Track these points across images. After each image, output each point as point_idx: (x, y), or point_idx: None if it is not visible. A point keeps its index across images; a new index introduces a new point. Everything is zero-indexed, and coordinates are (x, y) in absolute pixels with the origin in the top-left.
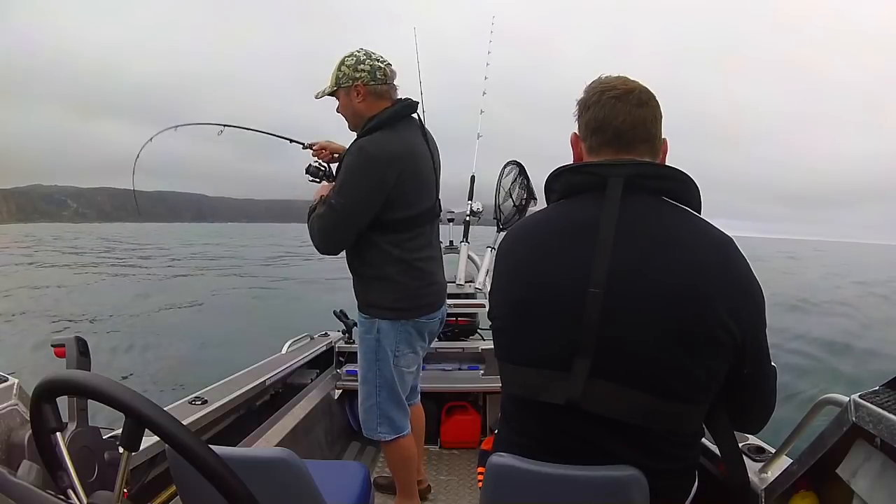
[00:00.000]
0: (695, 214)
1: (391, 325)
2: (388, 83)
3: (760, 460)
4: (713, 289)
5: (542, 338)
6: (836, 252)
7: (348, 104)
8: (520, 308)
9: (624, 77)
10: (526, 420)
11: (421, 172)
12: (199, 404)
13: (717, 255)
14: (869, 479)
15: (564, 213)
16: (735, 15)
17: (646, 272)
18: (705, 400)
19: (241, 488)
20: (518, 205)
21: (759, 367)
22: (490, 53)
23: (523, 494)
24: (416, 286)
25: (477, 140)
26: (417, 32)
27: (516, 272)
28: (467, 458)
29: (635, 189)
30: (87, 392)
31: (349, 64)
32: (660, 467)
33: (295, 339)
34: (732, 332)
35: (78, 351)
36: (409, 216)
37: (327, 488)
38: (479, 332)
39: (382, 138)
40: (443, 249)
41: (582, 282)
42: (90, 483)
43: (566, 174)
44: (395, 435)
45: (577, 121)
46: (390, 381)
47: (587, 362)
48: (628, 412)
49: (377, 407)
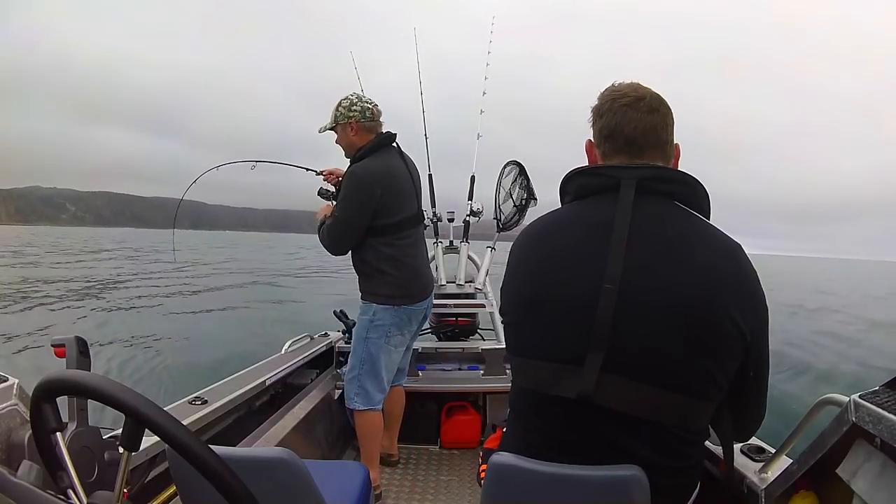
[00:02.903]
0: (703, 219)
1: (385, 309)
2: (375, 120)
3: (760, 460)
4: (724, 289)
5: (555, 333)
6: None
7: (345, 137)
8: (534, 304)
9: (636, 84)
10: (535, 414)
11: (401, 187)
12: (199, 404)
13: (726, 258)
14: (869, 479)
15: (579, 214)
16: (732, 29)
17: (659, 270)
18: (715, 397)
19: (241, 488)
20: (518, 205)
21: (762, 372)
22: (490, 53)
23: (524, 493)
24: (404, 278)
25: (477, 140)
26: (413, 35)
27: (531, 270)
28: (467, 458)
29: (647, 191)
30: (87, 392)
31: (345, 105)
32: (665, 463)
33: (295, 339)
34: (743, 332)
35: (78, 351)
36: (394, 222)
37: (327, 488)
38: (479, 332)
39: (368, 163)
40: (443, 249)
41: (596, 278)
42: (90, 483)
43: (580, 176)
44: (367, 407)
45: (592, 127)
46: (374, 357)
47: (600, 357)
48: (639, 406)
49: (357, 379)
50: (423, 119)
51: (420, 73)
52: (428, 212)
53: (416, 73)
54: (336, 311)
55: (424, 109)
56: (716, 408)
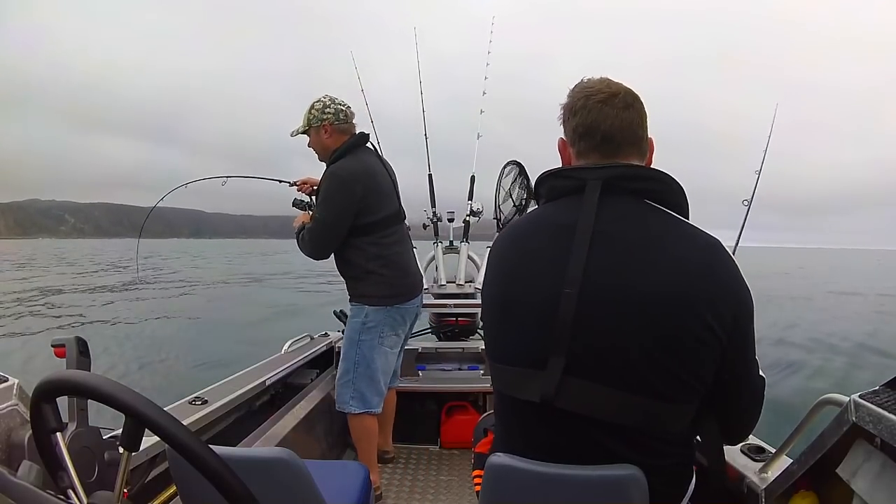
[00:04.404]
0: (677, 217)
1: (377, 310)
2: (349, 122)
3: (760, 460)
4: (695, 290)
5: (520, 337)
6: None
7: (318, 140)
8: (503, 308)
9: (607, 79)
10: (513, 417)
11: (380, 185)
12: (199, 404)
13: (700, 257)
14: (869, 479)
15: (546, 216)
16: (731, 25)
17: (621, 271)
18: (688, 400)
19: (241, 488)
20: (518, 205)
21: (743, 375)
22: (490, 54)
23: (523, 495)
24: (394, 276)
25: (477, 140)
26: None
27: (502, 273)
28: (467, 458)
29: (615, 191)
30: (87, 392)
31: (318, 108)
32: (650, 462)
33: (295, 339)
34: (715, 333)
35: (78, 351)
36: (378, 219)
37: (327, 488)
38: (479, 332)
39: (347, 163)
40: (443, 249)
41: (557, 282)
42: (90, 483)
43: (550, 179)
44: (363, 410)
45: (563, 125)
46: (368, 359)
47: (561, 360)
48: (600, 409)
49: (352, 383)
50: (423, 119)
51: (420, 73)
52: (428, 212)
53: (416, 74)
54: (336, 311)
55: (424, 109)
56: (695, 410)
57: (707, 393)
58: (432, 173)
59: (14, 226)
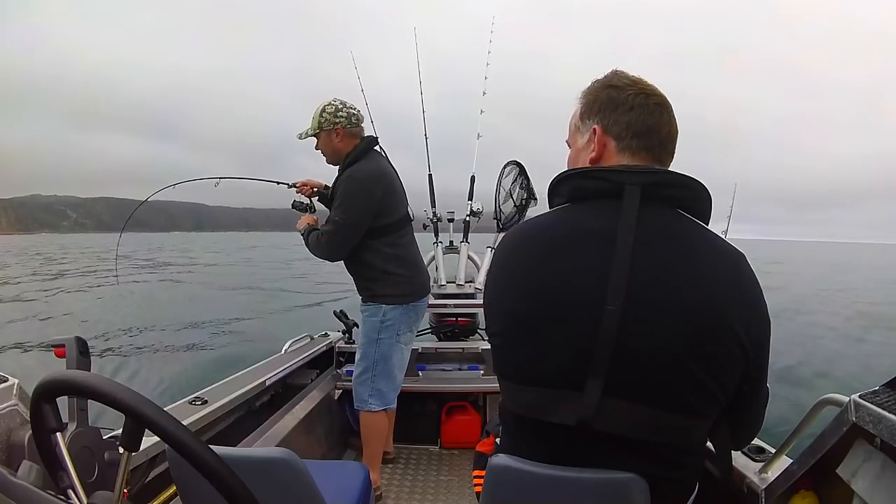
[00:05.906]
0: (703, 226)
1: (394, 308)
2: (360, 125)
3: (760, 460)
4: (728, 303)
5: (550, 355)
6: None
7: (329, 143)
8: (521, 321)
9: (649, 82)
10: (529, 437)
11: (395, 187)
12: (199, 404)
13: (730, 269)
14: (869, 479)
15: (572, 219)
16: (730, 18)
17: (664, 287)
18: (714, 414)
19: (241, 488)
20: (518, 205)
21: (758, 386)
22: (490, 53)
23: (524, 496)
24: (411, 275)
25: (477, 140)
26: (413, 35)
27: (515, 282)
28: (467, 458)
29: (650, 198)
30: (87, 392)
31: (330, 111)
32: (666, 476)
33: (295, 340)
34: (745, 347)
35: (78, 351)
36: (395, 220)
37: (327, 488)
38: (479, 332)
39: (364, 165)
40: (443, 249)
41: (597, 296)
42: (90, 483)
43: (576, 178)
44: (383, 407)
45: (606, 114)
46: (387, 357)
47: (601, 381)
48: (639, 429)
49: (371, 381)
50: (423, 119)
51: (420, 72)
52: (428, 212)
53: (416, 73)
54: (336, 311)
55: (424, 109)
56: (713, 421)
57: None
58: (432, 173)
59: (16, 222)
